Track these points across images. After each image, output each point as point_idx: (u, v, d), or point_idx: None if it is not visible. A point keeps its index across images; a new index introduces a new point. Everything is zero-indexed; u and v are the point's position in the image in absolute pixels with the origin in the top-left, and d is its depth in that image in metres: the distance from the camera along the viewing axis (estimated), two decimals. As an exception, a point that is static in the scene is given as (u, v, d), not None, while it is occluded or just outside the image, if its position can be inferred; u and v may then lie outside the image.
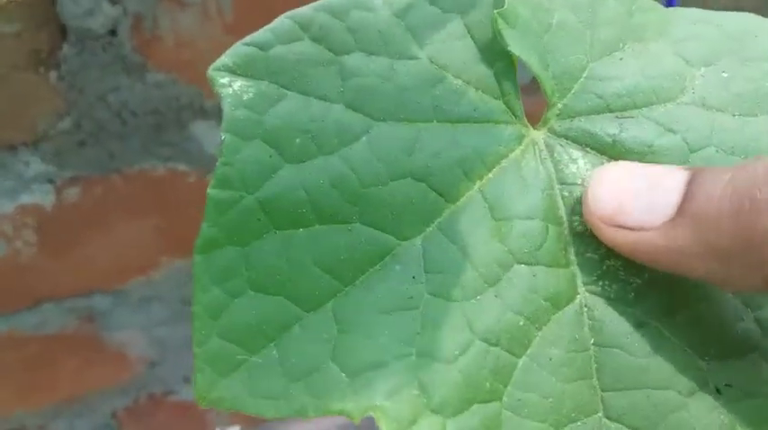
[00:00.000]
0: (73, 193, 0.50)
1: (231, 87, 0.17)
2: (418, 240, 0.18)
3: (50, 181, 0.48)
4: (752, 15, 0.20)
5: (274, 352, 0.17)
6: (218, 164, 0.17)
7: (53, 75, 0.43)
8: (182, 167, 0.51)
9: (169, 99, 0.47)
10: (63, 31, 0.41)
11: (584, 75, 0.19)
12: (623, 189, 0.17)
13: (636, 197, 0.17)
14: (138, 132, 0.47)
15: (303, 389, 0.17)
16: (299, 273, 0.17)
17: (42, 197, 0.49)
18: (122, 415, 0.70)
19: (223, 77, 0.17)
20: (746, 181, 0.16)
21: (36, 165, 0.47)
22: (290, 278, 0.17)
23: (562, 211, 0.18)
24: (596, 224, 0.17)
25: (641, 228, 0.17)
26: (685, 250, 0.16)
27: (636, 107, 0.19)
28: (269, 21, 0.19)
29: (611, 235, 0.17)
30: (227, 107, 0.17)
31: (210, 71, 0.18)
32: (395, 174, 0.18)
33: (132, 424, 0.71)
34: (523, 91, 0.19)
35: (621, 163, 0.18)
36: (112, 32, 0.42)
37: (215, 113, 0.50)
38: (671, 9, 0.20)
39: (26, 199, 0.49)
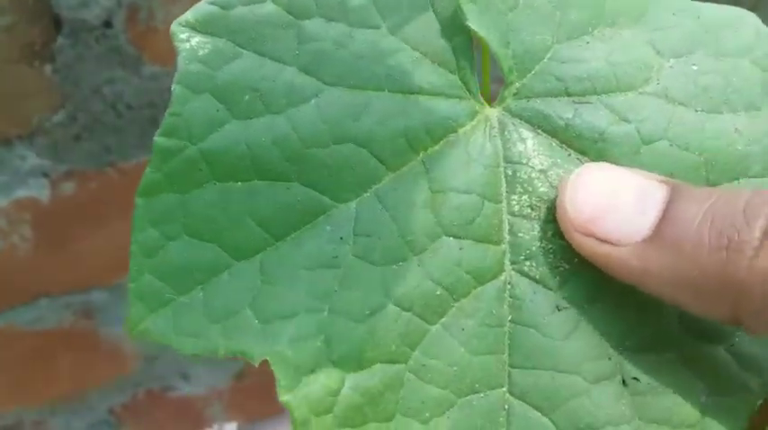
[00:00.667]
0: (68, 187, 0.50)
1: (189, 42, 0.18)
2: (353, 204, 0.18)
3: (46, 175, 0.48)
4: (735, 8, 0.19)
5: (201, 294, 0.18)
6: (166, 113, 0.18)
7: (48, 68, 0.43)
8: (178, 161, 0.51)
9: (165, 91, 0.47)
10: (57, 24, 0.41)
11: (548, 56, 0.19)
12: (600, 199, 0.17)
13: (612, 210, 0.17)
14: (134, 125, 0.47)
15: (219, 330, 0.18)
16: (233, 223, 0.18)
17: (38, 191, 0.49)
18: (120, 411, 0.70)
19: (183, 33, 0.18)
20: (727, 216, 0.15)
21: (31, 159, 0.47)
22: (225, 228, 0.18)
23: (503, 189, 0.18)
24: (568, 229, 0.17)
25: (615, 243, 0.16)
26: (657, 274, 0.16)
27: (595, 93, 0.19)
28: None
29: (582, 243, 0.17)
30: (181, 61, 0.18)
31: (173, 26, 0.18)
32: (338, 138, 0.18)
33: (130, 420, 0.71)
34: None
35: (602, 166, 0.18)
36: (107, 24, 0.42)
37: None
38: None
39: (22, 193, 0.49)
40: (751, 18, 0.19)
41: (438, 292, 0.18)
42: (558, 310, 0.18)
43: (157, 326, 0.18)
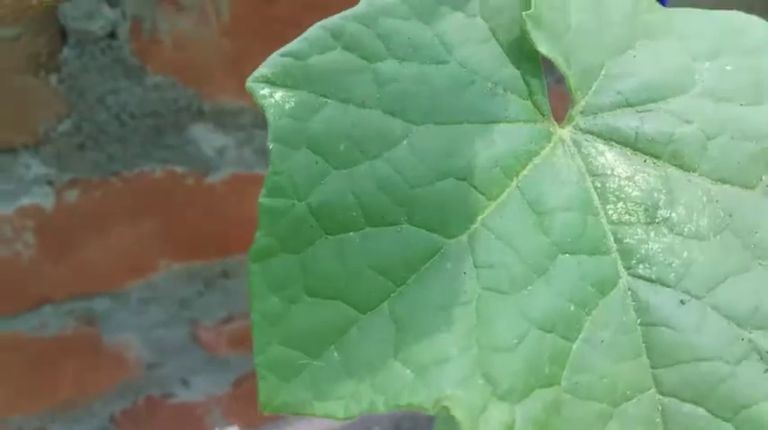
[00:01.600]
0: (72, 196, 0.50)
1: (273, 98, 0.18)
2: (464, 237, 0.18)
3: (50, 183, 0.49)
4: (738, 13, 0.21)
5: (335, 354, 0.17)
6: (268, 173, 0.18)
7: (53, 78, 0.43)
8: (180, 170, 0.52)
9: (168, 101, 0.47)
10: (63, 35, 0.42)
11: (603, 72, 0.20)
12: None
13: None
14: (138, 134, 0.48)
15: (369, 387, 0.17)
16: (353, 276, 0.17)
17: (42, 199, 0.49)
18: (121, 417, 0.70)
19: (263, 89, 0.18)
20: None
21: (36, 168, 0.47)
22: (345, 282, 0.17)
23: (596, 202, 0.19)
24: None
25: None
26: None
27: (653, 101, 0.19)
28: (265, 24, 0.19)
29: None
30: (271, 117, 0.18)
31: (250, 82, 0.18)
32: (438, 175, 0.18)
33: (130, 426, 0.71)
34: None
35: None
36: (112, 35, 0.42)
37: (213, 116, 0.50)
38: (673, 11, 0.21)
39: (26, 201, 0.49)
40: (755, 19, 0.21)
41: (572, 309, 0.18)
42: (683, 304, 0.18)
43: (296, 397, 0.17)
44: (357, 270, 0.17)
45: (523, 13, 0.19)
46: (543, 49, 0.19)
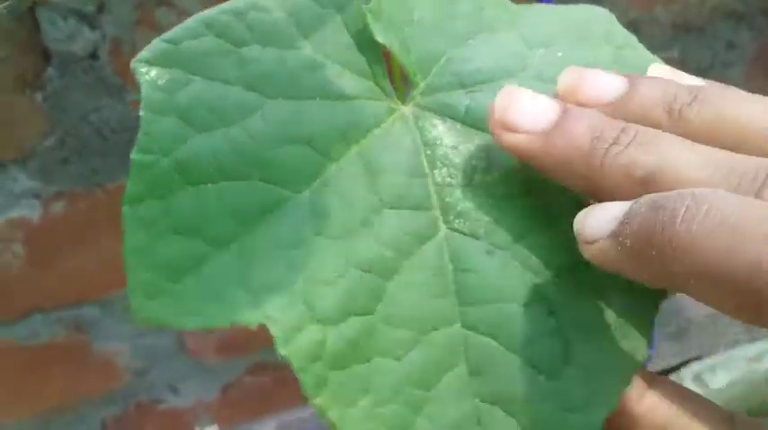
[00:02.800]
0: (59, 207, 0.52)
1: (149, 75, 0.21)
2: (307, 192, 0.21)
3: (37, 196, 0.51)
4: (589, 6, 0.24)
5: (191, 280, 0.20)
6: (138, 134, 0.20)
7: (38, 96, 0.45)
8: (161, 181, 0.54)
9: None
10: (46, 56, 0.44)
11: (443, 59, 0.23)
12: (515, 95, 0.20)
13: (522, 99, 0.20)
14: (119, 149, 0.50)
15: (215, 307, 0.20)
16: (208, 218, 0.21)
17: (30, 211, 0.51)
18: (111, 424, 0.71)
19: (142, 67, 0.21)
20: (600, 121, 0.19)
21: (23, 181, 0.49)
22: (201, 223, 0.21)
23: (425, 167, 0.22)
24: (493, 130, 0.21)
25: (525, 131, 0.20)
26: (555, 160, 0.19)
27: (484, 82, 0.22)
28: None
29: (500, 136, 0.20)
30: (144, 90, 0.21)
31: (133, 62, 0.21)
32: (286, 140, 0.21)
33: None
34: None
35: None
36: (93, 56, 0.44)
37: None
38: (523, 6, 0.24)
39: (14, 213, 0.51)
40: (602, 12, 0.24)
41: (390, 254, 0.21)
42: (489, 254, 0.21)
43: (157, 313, 0.20)
44: (212, 214, 0.21)
45: (364, 6, 0.22)
46: (380, 38, 0.22)
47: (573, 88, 0.20)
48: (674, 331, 0.57)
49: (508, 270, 0.21)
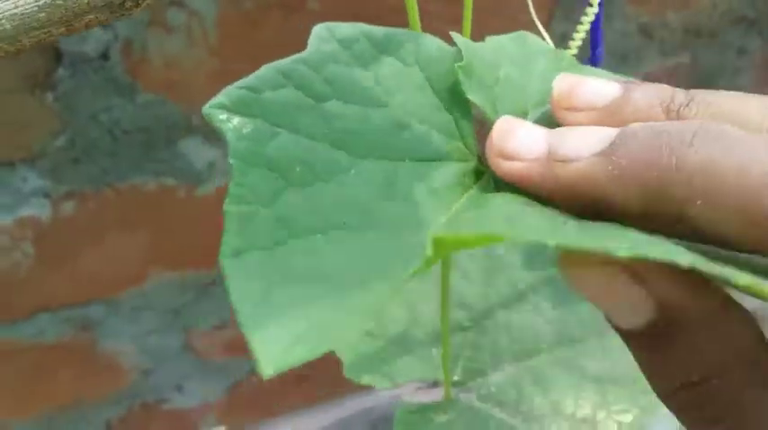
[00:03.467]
0: (68, 207, 0.52)
1: (231, 123, 0.20)
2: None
3: (47, 195, 0.51)
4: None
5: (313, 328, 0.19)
6: (230, 184, 0.19)
7: (49, 96, 0.45)
8: (171, 182, 0.54)
9: (158, 118, 0.49)
10: (58, 56, 0.44)
11: (527, 119, 0.22)
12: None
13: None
14: (130, 149, 0.50)
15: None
16: (325, 267, 0.20)
17: (39, 210, 0.51)
18: (116, 424, 0.72)
19: (221, 114, 0.20)
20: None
21: (33, 181, 0.49)
22: (320, 275, 0.19)
23: None
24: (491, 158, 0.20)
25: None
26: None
27: None
28: (250, 43, 0.21)
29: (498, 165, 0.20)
30: (230, 137, 0.20)
31: (207, 108, 0.20)
32: (384, 199, 0.21)
33: None
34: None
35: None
36: (104, 56, 0.45)
37: (202, 131, 0.52)
38: (589, 68, 0.24)
39: (24, 212, 0.51)
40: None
41: None
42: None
43: (290, 360, 0.18)
44: (327, 264, 0.20)
45: (457, 64, 0.22)
46: (473, 96, 0.22)
47: (567, 94, 0.20)
48: None
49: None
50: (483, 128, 0.22)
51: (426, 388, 0.32)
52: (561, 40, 0.49)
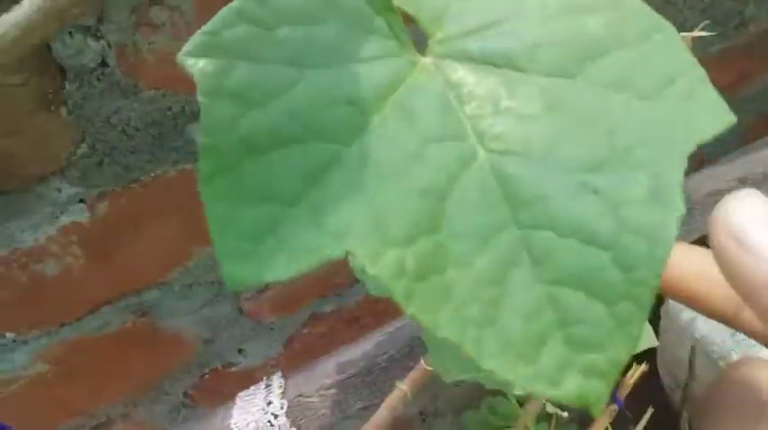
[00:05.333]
0: (103, 207, 0.56)
1: (197, 65, 0.23)
2: (357, 144, 0.24)
3: (82, 200, 0.54)
4: None
5: (272, 239, 0.22)
6: (201, 117, 0.23)
7: (63, 110, 0.49)
8: (189, 166, 0.56)
9: (164, 110, 0.52)
10: (62, 72, 0.47)
11: (451, 12, 0.25)
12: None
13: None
14: (145, 144, 0.53)
15: (300, 255, 0.22)
16: (277, 183, 0.23)
17: (78, 215, 0.55)
18: (193, 392, 0.77)
19: (188, 60, 0.23)
20: None
21: (67, 190, 0.53)
22: (272, 188, 0.23)
23: (455, 104, 0.24)
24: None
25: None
26: None
27: (492, 26, 0.25)
28: None
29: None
30: (197, 78, 0.23)
31: (179, 56, 0.23)
32: (330, 103, 0.24)
33: (203, 398, 0.78)
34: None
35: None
36: (104, 64, 0.47)
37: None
38: None
39: (65, 220, 0.55)
40: None
41: (440, 179, 0.23)
42: (526, 165, 0.23)
43: (248, 273, 0.23)
44: (279, 178, 0.23)
45: None
46: (397, 2, 0.25)
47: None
48: None
49: (548, 173, 0.23)
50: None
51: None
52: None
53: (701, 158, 0.95)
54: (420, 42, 0.26)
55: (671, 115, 0.23)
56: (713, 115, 0.23)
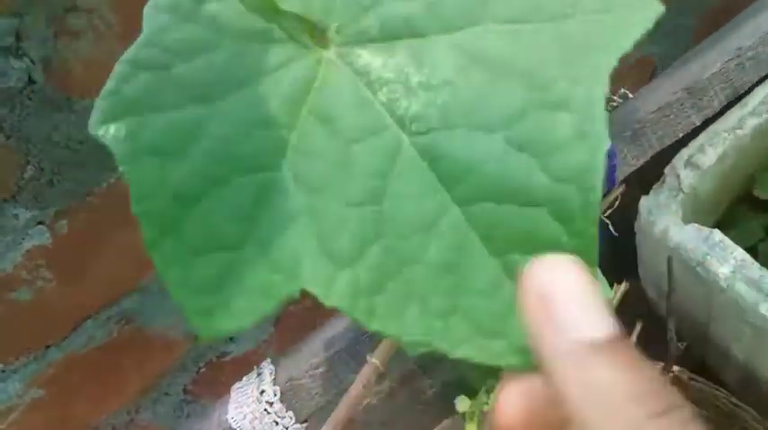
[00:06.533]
0: (63, 225, 0.55)
1: (109, 133, 0.22)
2: (285, 166, 0.23)
3: (41, 222, 0.53)
4: None
5: (231, 285, 0.22)
6: (130, 187, 0.22)
7: (1, 137, 0.48)
8: (140, 168, 0.56)
9: None
10: None
11: (338, 3, 0.24)
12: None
13: None
14: (92, 155, 0.52)
15: (260, 297, 0.22)
16: (219, 230, 0.22)
17: (40, 238, 0.54)
18: (192, 387, 0.77)
19: (99, 129, 0.22)
20: None
21: (23, 214, 0.52)
22: (216, 237, 0.22)
23: (368, 94, 0.23)
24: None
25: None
26: None
27: (381, 3, 0.24)
28: None
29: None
30: (112, 148, 0.22)
31: (90, 128, 0.22)
32: (247, 131, 0.23)
33: (204, 392, 0.78)
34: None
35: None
36: (31, 81, 0.47)
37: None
38: None
39: (28, 244, 0.54)
40: None
41: (372, 182, 0.22)
42: (449, 136, 0.22)
43: (218, 326, 0.22)
44: (219, 225, 0.22)
45: None
46: (285, 6, 0.24)
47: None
48: (630, 134, 0.60)
49: (473, 140, 0.22)
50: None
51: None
52: None
53: (653, 68, 0.95)
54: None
55: (587, 31, 0.22)
56: (636, 15, 0.22)
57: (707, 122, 0.65)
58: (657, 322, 0.78)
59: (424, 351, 0.22)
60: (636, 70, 0.92)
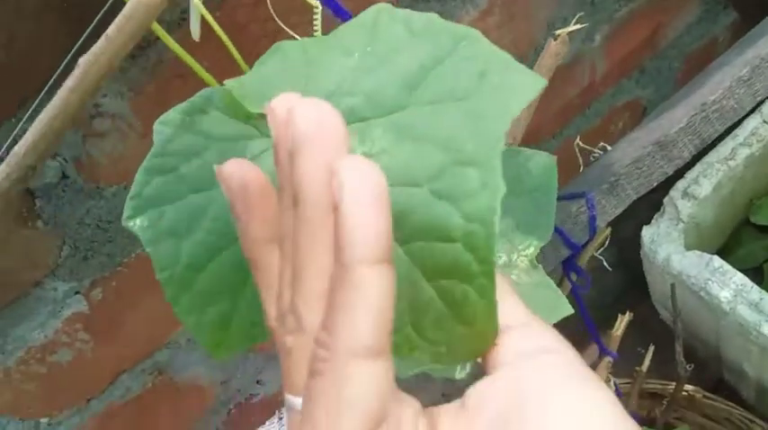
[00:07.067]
0: (98, 293, 0.61)
1: (136, 223, 0.30)
2: None
3: (77, 292, 0.59)
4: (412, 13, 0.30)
5: (236, 319, 0.31)
6: (153, 261, 0.30)
7: (39, 223, 0.54)
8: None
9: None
10: (31, 193, 0.52)
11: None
12: None
13: None
14: (119, 232, 0.58)
15: (258, 323, 0.29)
16: (223, 284, 0.30)
17: (78, 306, 0.60)
18: (223, 428, 0.83)
19: (130, 223, 0.30)
20: None
21: (62, 287, 0.58)
22: (221, 289, 0.31)
23: None
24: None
25: None
26: None
27: (331, 97, 0.29)
28: (167, 108, 0.30)
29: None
30: (140, 234, 0.30)
31: (124, 223, 0.30)
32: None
33: None
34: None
35: None
36: (64, 176, 0.53)
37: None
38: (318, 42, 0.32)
39: (67, 312, 0.60)
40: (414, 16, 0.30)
41: None
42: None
43: (228, 347, 0.32)
44: (223, 276, 0.30)
45: (232, 91, 0.30)
46: (253, 109, 0.30)
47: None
48: (607, 187, 0.63)
49: (408, 194, 0.26)
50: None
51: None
52: None
53: (643, 109, 0.99)
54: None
55: (488, 104, 0.26)
56: (527, 86, 0.26)
57: (678, 172, 0.69)
58: (673, 343, 0.81)
59: (411, 373, 0.29)
60: (628, 111, 0.95)
